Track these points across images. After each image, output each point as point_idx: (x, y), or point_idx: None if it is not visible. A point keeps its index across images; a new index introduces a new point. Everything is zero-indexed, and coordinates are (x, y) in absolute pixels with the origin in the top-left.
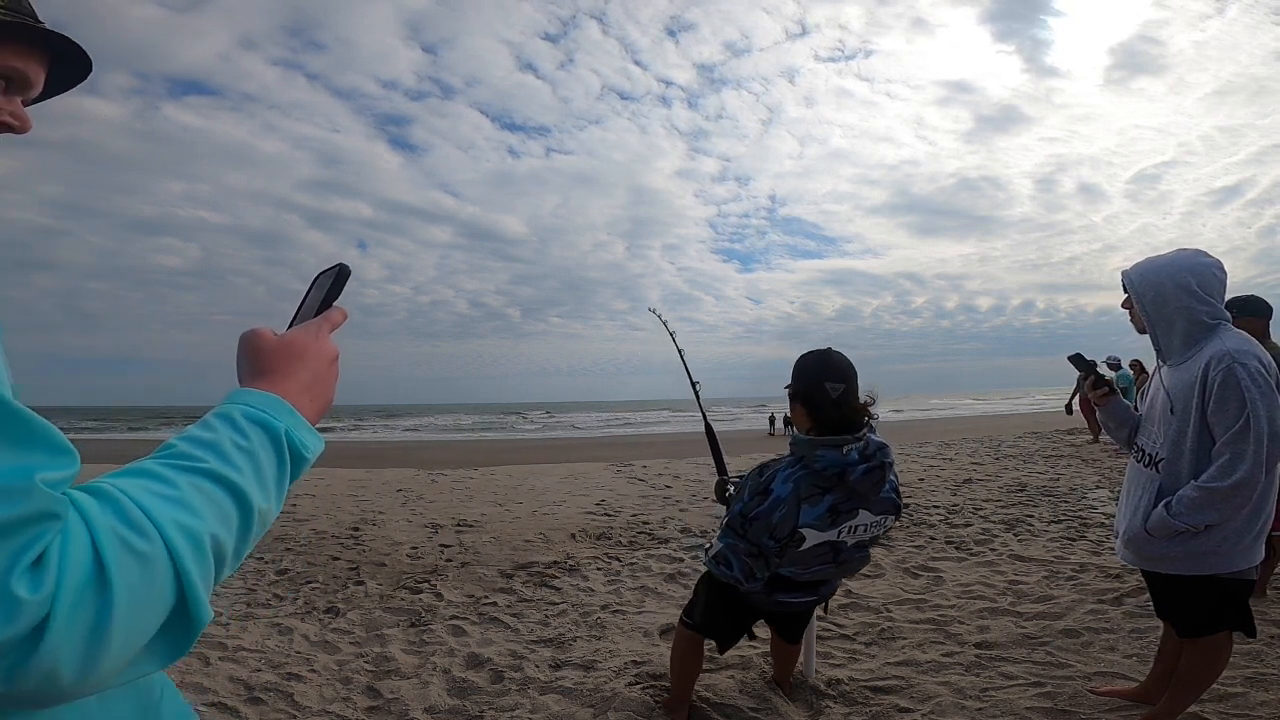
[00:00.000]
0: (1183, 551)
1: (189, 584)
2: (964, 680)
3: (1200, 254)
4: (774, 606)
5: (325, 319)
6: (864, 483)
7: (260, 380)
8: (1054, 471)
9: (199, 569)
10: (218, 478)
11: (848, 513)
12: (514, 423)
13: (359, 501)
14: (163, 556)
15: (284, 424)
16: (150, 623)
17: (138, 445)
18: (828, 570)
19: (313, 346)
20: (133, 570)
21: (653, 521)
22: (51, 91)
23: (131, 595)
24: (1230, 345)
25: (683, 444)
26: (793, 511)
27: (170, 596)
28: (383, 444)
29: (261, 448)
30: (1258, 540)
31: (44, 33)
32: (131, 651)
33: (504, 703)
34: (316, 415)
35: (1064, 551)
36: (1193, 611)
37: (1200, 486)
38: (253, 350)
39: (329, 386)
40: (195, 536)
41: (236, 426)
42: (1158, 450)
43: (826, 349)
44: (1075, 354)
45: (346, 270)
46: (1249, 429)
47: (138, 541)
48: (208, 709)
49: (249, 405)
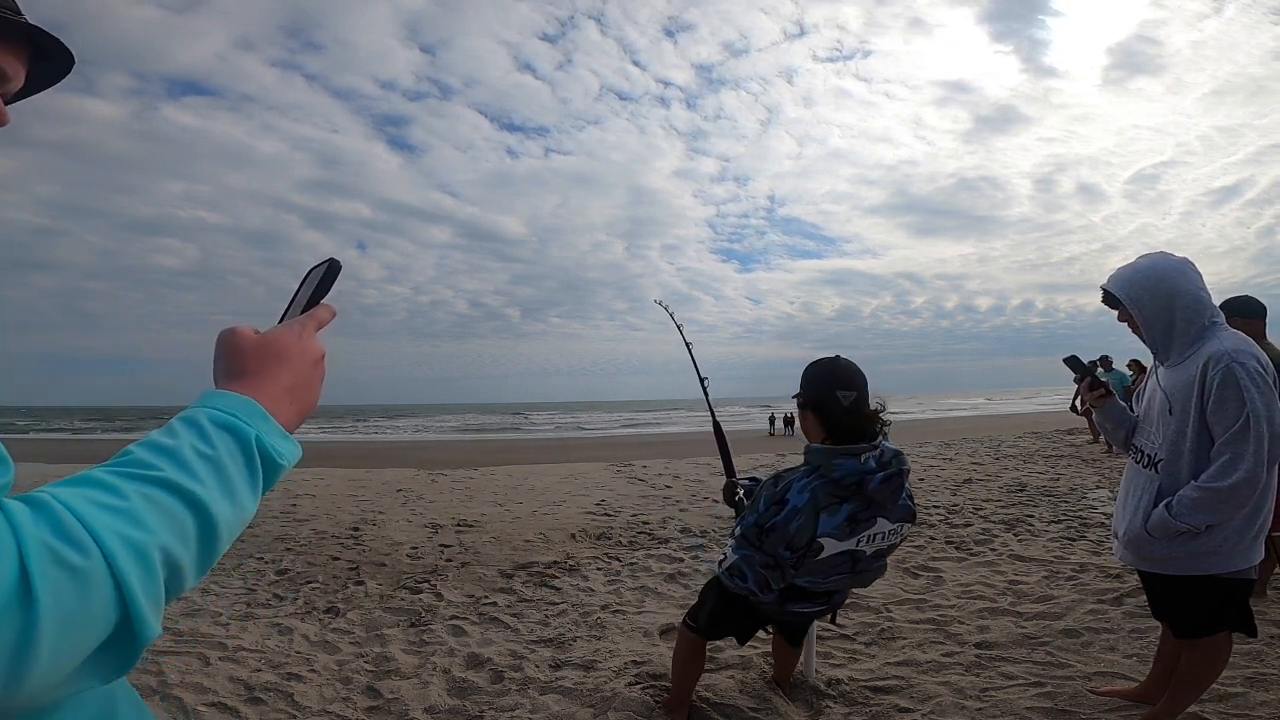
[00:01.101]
0: (1184, 552)
1: (131, 599)
2: (964, 680)
3: (1171, 256)
4: (785, 616)
5: (311, 316)
6: (882, 491)
7: (236, 382)
8: (1054, 471)
9: (144, 584)
10: (172, 486)
11: (866, 521)
12: (514, 423)
13: (359, 501)
14: (101, 571)
15: (255, 429)
16: (87, 639)
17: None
18: (844, 580)
19: (295, 346)
20: (63, 585)
21: (653, 521)
22: (36, 87)
23: (61, 611)
24: (1228, 345)
25: (683, 444)
26: (810, 522)
27: (112, 612)
28: (383, 444)
29: (228, 454)
30: (1257, 539)
31: (21, 26)
32: (66, 668)
33: (504, 703)
34: (298, 418)
35: (1064, 551)
36: (1193, 612)
37: (1200, 486)
38: (230, 350)
39: (312, 388)
40: (140, 549)
41: (201, 432)
42: (1156, 451)
43: (835, 357)
44: (1071, 356)
45: (337, 265)
46: (1249, 428)
47: (71, 555)
48: (208, 709)
49: (217, 409)
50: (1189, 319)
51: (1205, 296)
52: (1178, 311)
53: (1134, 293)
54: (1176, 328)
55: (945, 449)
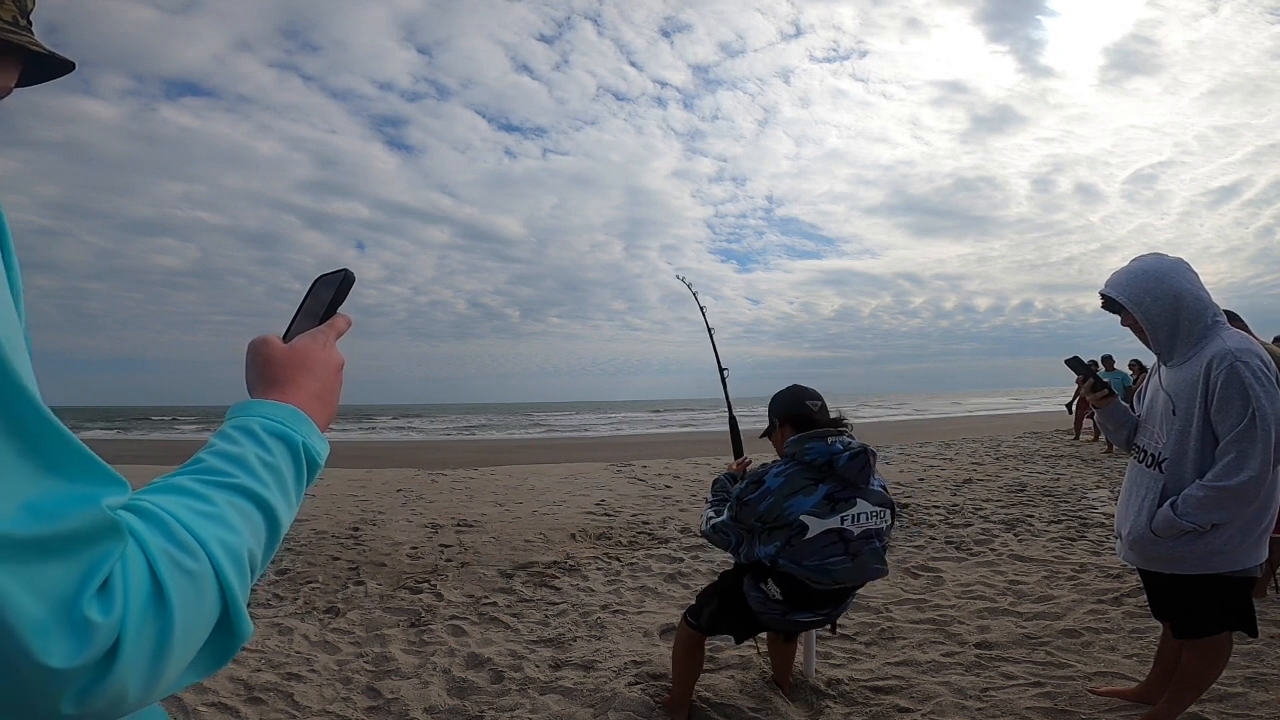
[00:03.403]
0: (1188, 551)
1: (232, 599)
2: (964, 680)
3: (1167, 256)
4: (789, 626)
5: (330, 327)
6: (851, 468)
7: (272, 390)
8: (1054, 471)
9: (240, 584)
10: (249, 493)
11: (845, 501)
12: (514, 422)
13: (359, 501)
14: (209, 574)
15: (301, 436)
16: (201, 638)
17: (137, 445)
18: (843, 563)
19: (321, 356)
20: (186, 589)
21: (653, 521)
22: (36, 79)
23: (186, 613)
24: (1232, 344)
25: (683, 444)
26: (779, 504)
27: (216, 612)
28: (383, 444)
29: (283, 461)
30: (1262, 539)
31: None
32: (184, 666)
33: (504, 703)
34: (325, 423)
35: (1064, 551)
36: (1197, 611)
37: (1206, 485)
38: (263, 359)
39: (336, 395)
40: (235, 552)
41: (259, 441)
42: (1160, 451)
43: (793, 384)
44: (1073, 357)
45: (351, 277)
46: (1255, 426)
47: (187, 561)
48: (208, 709)
49: (267, 418)
50: (1193, 319)
51: (1206, 296)
52: (1182, 312)
53: (1136, 295)
54: (1181, 328)
55: (945, 449)
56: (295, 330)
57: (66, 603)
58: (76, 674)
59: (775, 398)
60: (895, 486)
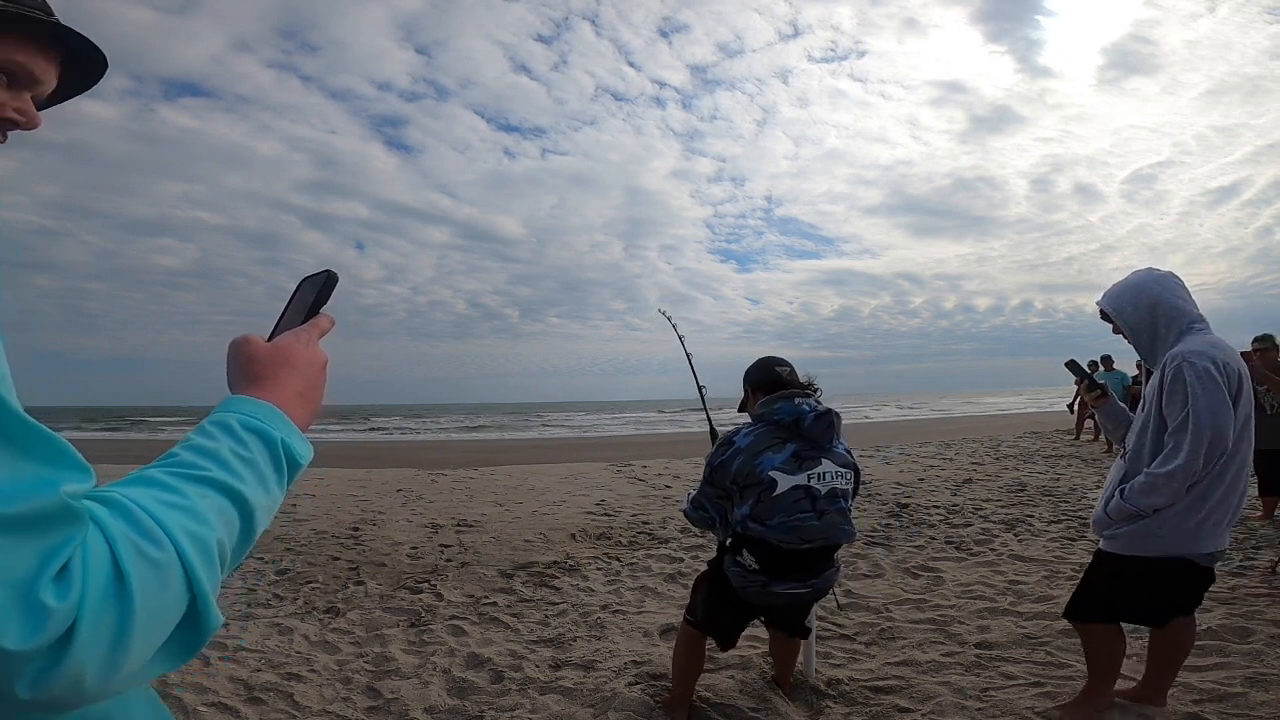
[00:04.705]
0: (1127, 531)
1: (200, 589)
2: (964, 680)
3: (1156, 270)
4: (771, 599)
5: (314, 326)
6: (816, 428)
7: (253, 387)
8: (1054, 471)
9: (208, 575)
10: (221, 486)
11: (811, 459)
12: (514, 422)
13: (359, 501)
14: (175, 564)
15: (280, 433)
16: (165, 627)
17: (137, 445)
18: (810, 519)
19: (304, 354)
20: (148, 576)
21: (653, 521)
22: (70, 92)
23: (148, 601)
24: (1187, 347)
25: (683, 444)
26: (750, 461)
27: (183, 602)
28: (382, 444)
29: (260, 456)
30: (1201, 529)
31: (51, 26)
32: (147, 655)
33: (504, 703)
34: (307, 422)
35: (1064, 551)
36: (1128, 591)
37: (1148, 472)
38: (245, 357)
39: (319, 393)
40: (204, 543)
41: (235, 435)
42: (1129, 444)
43: (764, 355)
44: (1071, 360)
45: (335, 277)
46: (1188, 422)
47: (151, 549)
48: (208, 709)
49: (245, 414)
50: (1168, 326)
51: (1185, 305)
52: (1159, 320)
53: (1119, 305)
54: (1159, 335)
55: (945, 449)
56: (280, 331)
57: (21, 584)
58: (30, 656)
59: (748, 371)
60: (896, 486)
